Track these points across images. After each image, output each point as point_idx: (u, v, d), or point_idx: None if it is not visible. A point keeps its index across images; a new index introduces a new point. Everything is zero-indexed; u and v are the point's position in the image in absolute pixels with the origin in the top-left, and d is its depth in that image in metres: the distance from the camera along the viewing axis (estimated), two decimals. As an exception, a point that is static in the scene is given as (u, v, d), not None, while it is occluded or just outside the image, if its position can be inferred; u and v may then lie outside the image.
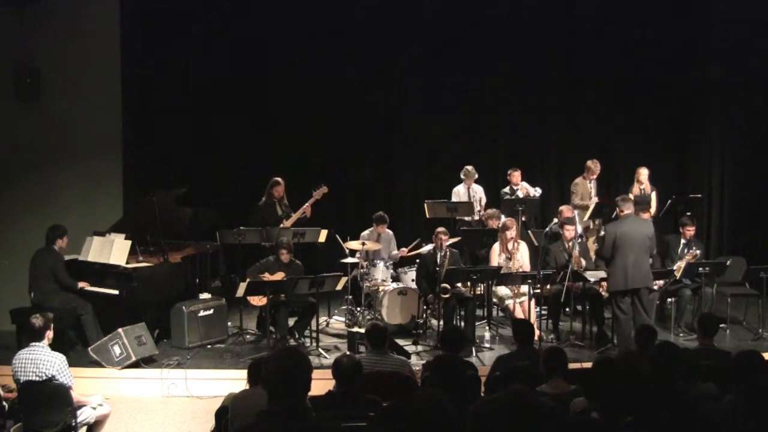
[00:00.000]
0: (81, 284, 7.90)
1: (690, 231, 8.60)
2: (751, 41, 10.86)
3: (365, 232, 9.17)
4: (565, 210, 9.12)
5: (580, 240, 8.36)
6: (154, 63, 10.34)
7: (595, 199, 9.61)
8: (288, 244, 8.20)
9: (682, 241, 8.59)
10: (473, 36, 11.03)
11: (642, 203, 9.07)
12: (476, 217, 9.64)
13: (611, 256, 7.57)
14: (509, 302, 8.41)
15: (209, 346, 8.09)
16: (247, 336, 8.44)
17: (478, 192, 9.89)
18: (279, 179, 9.10)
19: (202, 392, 7.21)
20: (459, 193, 9.85)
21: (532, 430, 3.77)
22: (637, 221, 7.82)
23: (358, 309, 8.79)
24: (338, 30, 10.82)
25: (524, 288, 8.11)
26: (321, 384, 4.98)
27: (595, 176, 9.69)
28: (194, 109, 10.57)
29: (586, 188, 9.70)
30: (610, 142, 11.42)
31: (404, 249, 9.28)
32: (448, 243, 8.34)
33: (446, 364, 4.71)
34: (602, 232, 8.28)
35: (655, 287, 8.04)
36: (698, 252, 8.43)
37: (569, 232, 8.30)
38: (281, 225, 8.90)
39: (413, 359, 7.37)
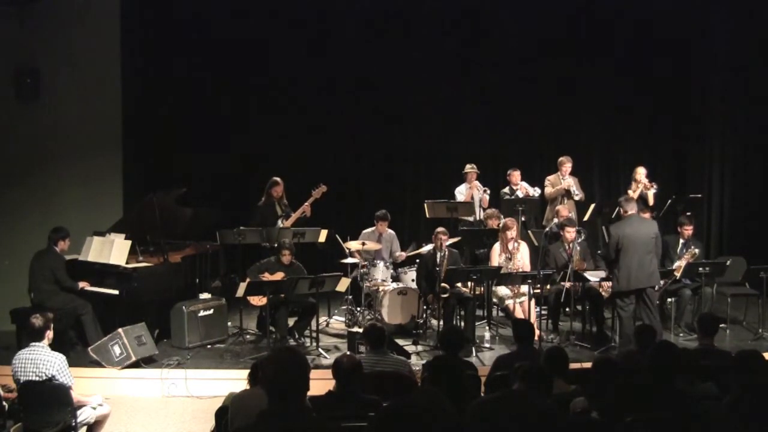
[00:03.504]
0: (82, 284, 7.90)
1: (688, 230, 8.59)
2: (751, 41, 10.87)
3: (367, 231, 9.19)
4: (562, 209, 9.13)
5: (580, 240, 8.37)
6: (155, 62, 10.34)
7: (573, 188, 9.59)
8: (291, 246, 8.21)
9: (681, 240, 8.58)
10: (474, 35, 11.04)
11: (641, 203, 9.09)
12: (478, 217, 9.62)
13: (615, 257, 7.56)
14: (509, 302, 8.41)
15: (209, 346, 8.09)
16: (247, 336, 8.44)
17: (481, 191, 9.86)
18: (278, 179, 9.10)
19: (202, 392, 7.20)
20: (462, 192, 9.82)
21: (530, 429, 3.77)
22: (641, 221, 7.79)
23: (358, 309, 8.79)
24: (339, 28, 10.83)
25: (524, 288, 8.11)
26: (321, 384, 4.99)
27: (568, 171, 9.67)
28: (194, 108, 10.58)
29: (558, 185, 9.69)
30: (610, 142, 11.44)
31: (403, 253, 9.28)
32: (447, 243, 8.34)
33: (446, 364, 4.71)
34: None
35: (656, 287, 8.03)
36: (697, 251, 8.42)
37: (569, 234, 8.29)
38: (281, 225, 8.90)
39: (413, 359, 7.37)
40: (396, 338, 7.89)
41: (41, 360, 5.43)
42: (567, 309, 8.50)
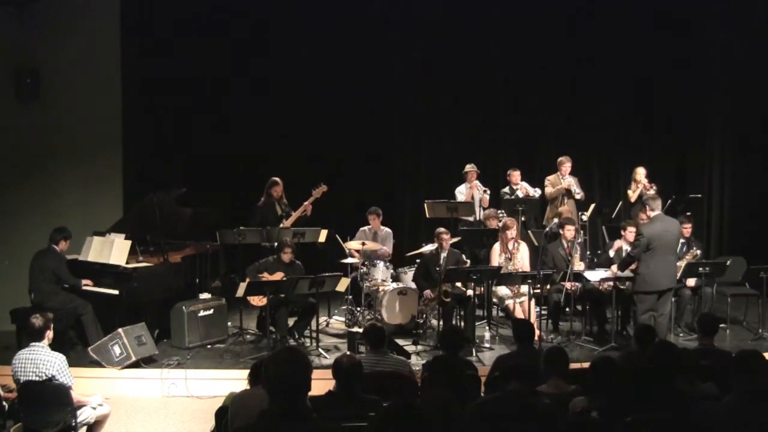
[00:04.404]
0: (85, 281, 7.90)
1: (687, 229, 8.59)
2: (751, 40, 10.87)
3: (363, 229, 9.19)
4: (565, 211, 9.13)
5: (579, 240, 8.36)
6: (154, 63, 10.33)
7: (573, 187, 9.59)
8: (292, 245, 8.21)
9: (681, 240, 8.57)
10: (474, 35, 11.04)
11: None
12: (478, 217, 9.62)
13: (641, 257, 7.52)
14: (509, 302, 8.41)
15: (209, 346, 8.09)
16: (247, 336, 8.44)
17: (481, 191, 9.85)
18: (277, 179, 9.11)
19: (202, 392, 7.21)
20: (462, 192, 9.81)
21: (528, 429, 3.77)
22: (669, 220, 7.76)
23: (358, 309, 8.79)
24: (339, 28, 10.81)
25: (524, 288, 8.11)
26: (321, 384, 4.98)
27: (568, 171, 9.67)
28: (194, 108, 10.58)
29: (558, 184, 9.70)
30: (609, 142, 11.44)
31: (387, 249, 9.24)
32: (449, 243, 8.35)
33: (446, 364, 4.71)
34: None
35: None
36: (699, 252, 8.42)
37: (569, 232, 8.30)
38: (281, 225, 8.90)
39: (413, 359, 7.37)
40: (396, 338, 7.90)
41: (41, 360, 5.43)
42: (567, 309, 8.50)
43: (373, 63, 10.94)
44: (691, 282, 8.26)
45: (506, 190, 9.90)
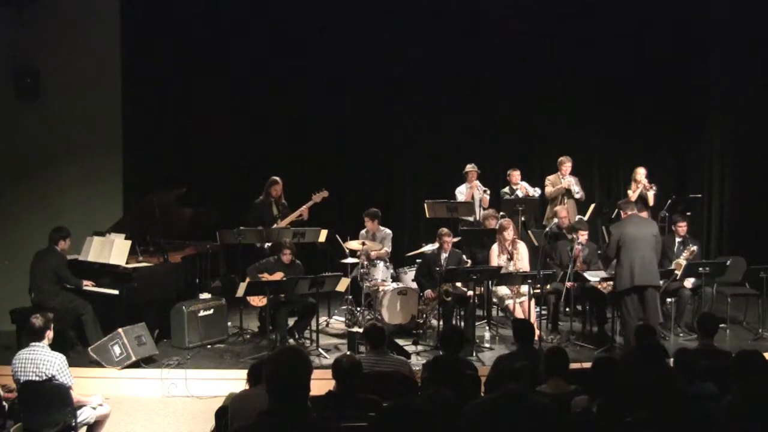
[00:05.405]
0: (86, 282, 7.90)
1: (682, 228, 8.59)
2: (752, 40, 10.87)
3: (362, 232, 9.18)
4: (560, 210, 9.12)
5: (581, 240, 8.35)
6: (154, 63, 10.33)
7: (573, 186, 9.60)
8: (291, 245, 8.21)
9: (677, 239, 8.57)
10: (473, 35, 11.04)
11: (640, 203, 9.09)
12: (478, 217, 9.62)
13: (616, 256, 7.56)
14: (509, 302, 8.40)
15: (209, 346, 8.09)
16: (247, 336, 8.44)
17: (481, 191, 9.84)
18: (277, 179, 9.10)
19: (202, 392, 7.21)
20: (462, 192, 9.81)
21: (527, 429, 3.78)
22: (641, 220, 7.83)
23: (358, 309, 8.79)
24: (339, 28, 10.81)
25: (524, 288, 8.10)
26: (321, 384, 4.98)
27: (568, 171, 9.67)
28: (194, 109, 10.58)
29: (558, 184, 9.71)
30: (609, 142, 11.44)
31: (386, 249, 9.22)
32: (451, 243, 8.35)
33: (446, 364, 4.71)
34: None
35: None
36: (695, 248, 8.42)
37: (583, 236, 8.28)
38: (276, 224, 8.88)
39: (413, 359, 7.37)
40: (396, 338, 7.90)
41: (41, 360, 5.43)
42: (567, 309, 8.49)
43: (373, 62, 10.92)
44: (689, 283, 8.16)
45: (506, 190, 9.89)
